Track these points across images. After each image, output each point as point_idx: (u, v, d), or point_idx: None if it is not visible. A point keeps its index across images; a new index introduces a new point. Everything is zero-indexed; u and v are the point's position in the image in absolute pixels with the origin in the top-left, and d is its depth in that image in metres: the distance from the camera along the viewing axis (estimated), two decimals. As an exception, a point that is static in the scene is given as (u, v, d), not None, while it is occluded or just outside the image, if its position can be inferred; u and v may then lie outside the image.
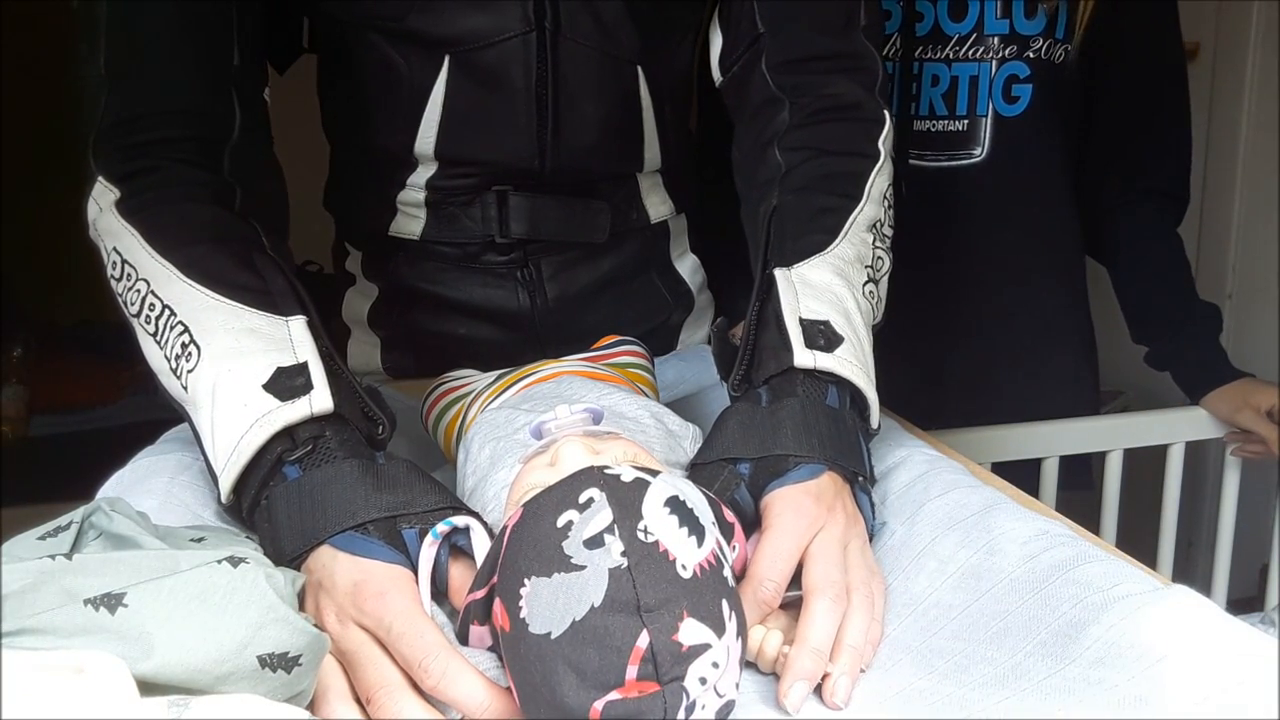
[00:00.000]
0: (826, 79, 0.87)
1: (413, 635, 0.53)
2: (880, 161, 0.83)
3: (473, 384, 0.80)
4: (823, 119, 0.86)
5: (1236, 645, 0.49)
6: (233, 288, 0.68)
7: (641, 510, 0.49)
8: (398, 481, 0.60)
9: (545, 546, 0.49)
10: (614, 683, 0.45)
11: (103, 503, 0.53)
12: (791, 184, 0.82)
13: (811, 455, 0.63)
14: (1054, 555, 0.59)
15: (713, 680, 0.47)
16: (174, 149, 0.77)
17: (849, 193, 0.80)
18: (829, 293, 0.72)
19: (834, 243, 0.76)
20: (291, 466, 0.61)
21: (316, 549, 0.58)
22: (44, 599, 0.44)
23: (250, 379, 0.63)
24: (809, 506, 0.61)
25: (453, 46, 0.90)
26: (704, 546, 0.49)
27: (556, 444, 0.57)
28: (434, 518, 0.58)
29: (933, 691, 0.53)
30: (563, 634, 0.46)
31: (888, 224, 0.82)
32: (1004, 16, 1.26)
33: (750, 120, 0.90)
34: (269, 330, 0.66)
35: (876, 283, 0.78)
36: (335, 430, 0.63)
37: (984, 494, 0.67)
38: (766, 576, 0.58)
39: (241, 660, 0.45)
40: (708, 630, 0.47)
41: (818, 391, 0.67)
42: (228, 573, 0.47)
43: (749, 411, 0.66)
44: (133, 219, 0.72)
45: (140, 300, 0.70)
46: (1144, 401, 1.77)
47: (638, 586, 0.46)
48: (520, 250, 0.99)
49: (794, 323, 0.69)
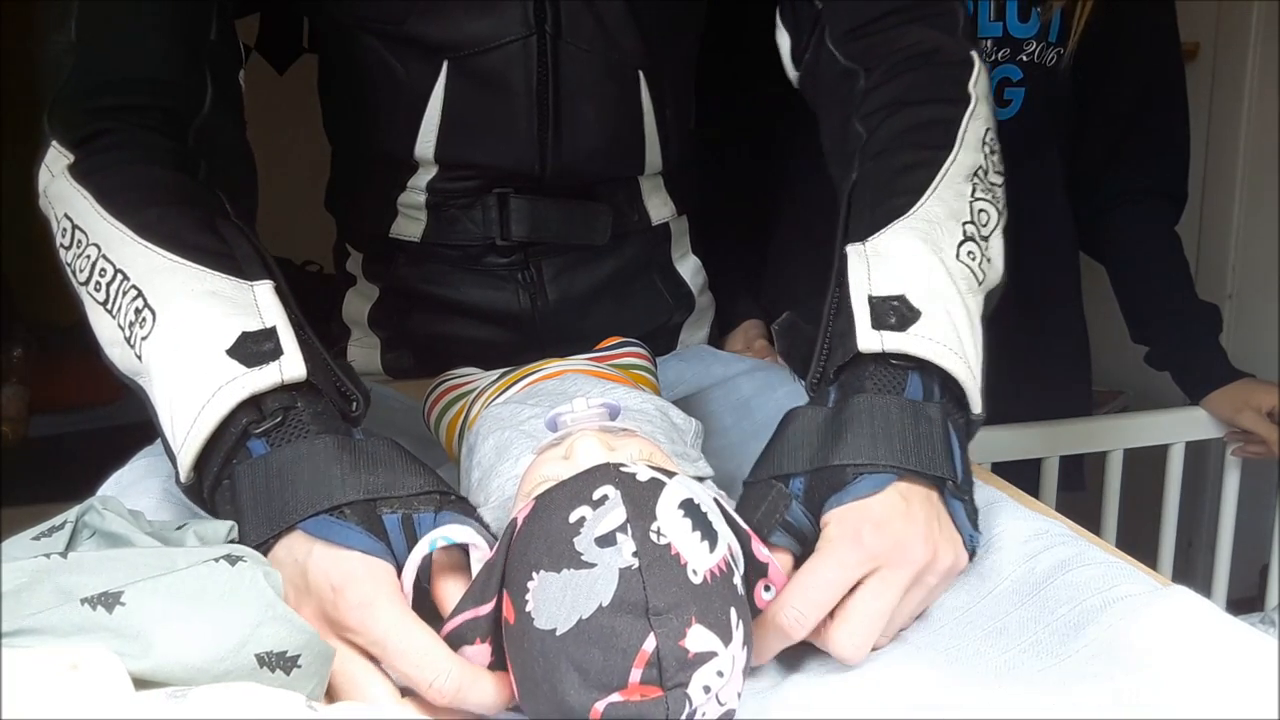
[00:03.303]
0: (898, 33, 0.78)
1: (413, 652, 0.49)
2: (973, 105, 0.73)
3: (475, 381, 0.80)
4: (899, 72, 0.76)
5: (1236, 645, 0.49)
6: (193, 249, 0.62)
7: (655, 511, 0.48)
8: (378, 460, 0.54)
9: (556, 541, 0.48)
10: (616, 684, 0.45)
11: (96, 501, 0.52)
12: (871, 150, 0.72)
13: (876, 463, 0.55)
14: (1053, 555, 0.59)
15: (716, 689, 0.46)
16: (138, 116, 0.72)
17: (938, 143, 0.70)
18: (909, 262, 0.62)
19: (920, 201, 0.66)
20: (258, 441, 0.55)
21: (286, 535, 0.52)
22: (40, 598, 0.43)
23: (212, 344, 0.57)
24: (868, 535, 0.53)
25: (452, 51, 0.89)
26: (716, 552, 0.48)
27: (572, 437, 0.56)
28: (418, 502, 0.53)
29: (924, 681, 0.53)
30: (568, 631, 0.46)
31: (993, 171, 0.71)
32: (997, 19, 1.26)
33: (829, 106, 0.81)
34: (232, 293, 0.60)
35: (981, 240, 0.66)
36: (308, 401, 0.57)
37: (983, 493, 0.66)
38: (792, 603, 0.52)
39: (240, 659, 0.45)
40: (715, 638, 0.46)
41: (894, 382, 0.58)
42: (225, 570, 0.47)
43: (809, 416, 0.59)
44: (85, 181, 0.67)
45: (90, 266, 0.64)
46: (1144, 401, 1.77)
47: (648, 588, 0.45)
48: (521, 252, 0.99)
49: (861, 302, 0.61)
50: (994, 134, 0.73)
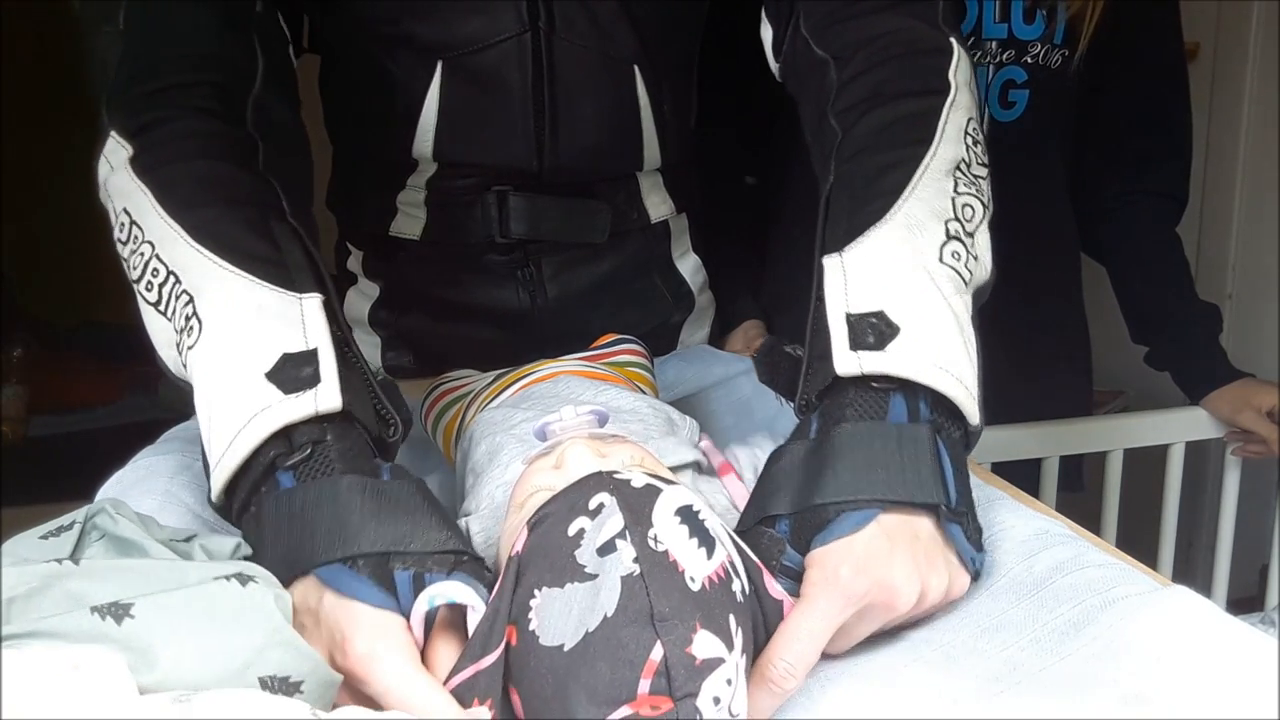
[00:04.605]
0: (873, 20, 0.74)
1: (416, 706, 0.48)
2: (953, 94, 0.69)
3: (471, 384, 0.80)
4: (875, 63, 0.72)
5: (1236, 645, 0.49)
6: (244, 256, 0.62)
7: (652, 518, 0.47)
8: (399, 507, 0.54)
9: (557, 556, 0.47)
10: (625, 698, 0.44)
11: (106, 504, 0.52)
12: (847, 150, 0.69)
13: (858, 498, 0.53)
14: (1053, 555, 0.59)
15: (726, 700, 0.45)
16: (191, 95, 0.71)
17: (918, 137, 0.66)
18: (887, 272, 0.60)
19: (898, 202, 0.63)
20: (286, 473, 0.55)
21: (302, 579, 0.53)
22: (50, 603, 0.43)
23: (254, 366, 0.57)
24: (847, 578, 0.51)
25: (446, 51, 0.89)
26: (714, 559, 0.47)
27: (562, 446, 0.56)
28: (432, 562, 0.52)
29: (921, 681, 0.53)
30: (575, 646, 0.45)
31: (976, 163, 0.67)
32: (1002, 20, 1.26)
33: (806, 99, 0.78)
34: (279, 308, 0.60)
35: (966, 237, 0.63)
36: (338, 434, 0.57)
37: (983, 493, 0.66)
38: (779, 656, 0.50)
39: (243, 680, 0.45)
40: (719, 643, 0.45)
41: (875, 406, 0.56)
42: (236, 590, 0.47)
43: (791, 453, 0.57)
44: (146, 177, 0.67)
45: (144, 264, 0.64)
46: (1144, 401, 1.76)
47: (651, 594, 0.45)
48: (521, 250, 0.99)
49: (839, 321, 0.58)
50: (977, 123, 0.69)
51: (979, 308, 0.64)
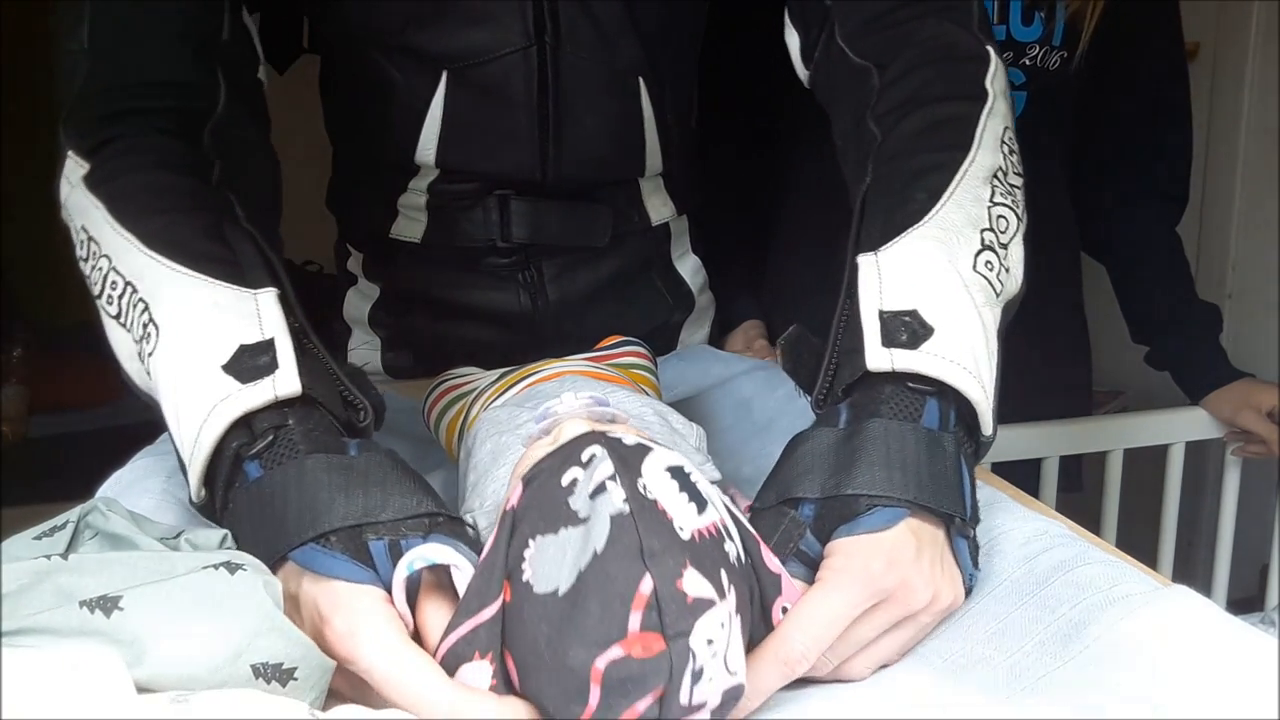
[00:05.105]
0: (911, 27, 0.74)
1: (401, 680, 0.47)
2: (991, 101, 0.69)
3: (475, 382, 0.80)
4: (913, 68, 0.72)
5: (1236, 645, 0.49)
6: (197, 257, 0.61)
7: (641, 469, 0.46)
8: (369, 478, 0.52)
9: (550, 505, 0.47)
10: (616, 635, 0.42)
11: (99, 503, 0.52)
12: (886, 152, 0.69)
13: (891, 495, 0.52)
14: (1053, 555, 0.58)
15: (720, 646, 0.43)
16: (151, 119, 0.71)
17: (955, 142, 0.66)
18: (923, 274, 0.59)
19: (936, 207, 0.62)
20: (252, 463, 0.54)
21: (281, 565, 0.51)
22: (40, 599, 0.43)
23: (210, 360, 0.56)
24: (877, 571, 0.51)
25: (451, 62, 0.89)
26: (704, 516, 0.46)
27: (560, 424, 0.55)
28: (405, 527, 0.51)
29: (928, 692, 0.53)
30: (568, 590, 0.44)
31: (1013, 172, 0.67)
32: (1000, 22, 1.26)
33: (841, 105, 0.78)
34: (234, 304, 0.59)
35: (1000, 248, 0.63)
36: (300, 418, 0.55)
37: (983, 493, 0.66)
38: (795, 635, 0.49)
39: (235, 669, 0.44)
40: (710, 587, 0.44)
41: (910, 407, 0.56)
42: (224, 579, 0.46)
43: (819, 438, 0.56)
44: (98, 190, 0.66)
45: (103, 278, 0.63)
46: (1144, 401, 1.76)
47: (641, 531, 0.43)
48: (522, 253, 0.99)
49: (871, 317, 0.58)
50: (1012, 132, 0.69)
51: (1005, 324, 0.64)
